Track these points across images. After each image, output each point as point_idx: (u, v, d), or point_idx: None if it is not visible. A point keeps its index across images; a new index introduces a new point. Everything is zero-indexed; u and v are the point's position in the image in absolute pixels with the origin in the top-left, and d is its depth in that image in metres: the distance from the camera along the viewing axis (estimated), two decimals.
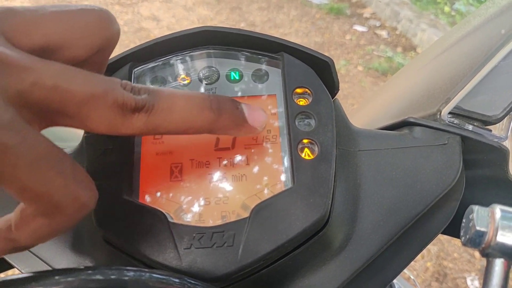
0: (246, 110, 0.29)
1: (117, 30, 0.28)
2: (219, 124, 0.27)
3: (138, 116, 0.24)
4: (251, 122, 0.29)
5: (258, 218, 0.29)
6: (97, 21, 0.26)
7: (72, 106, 0.23)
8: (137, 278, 0.23)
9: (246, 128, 0.29)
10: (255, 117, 0.29)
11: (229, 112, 0.28)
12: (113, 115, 0.24)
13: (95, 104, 0.23)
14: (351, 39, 3.00)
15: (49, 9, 0.25)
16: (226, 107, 0.27)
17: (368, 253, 0.31)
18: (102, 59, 0.29)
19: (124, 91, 0.24)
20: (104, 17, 0.27)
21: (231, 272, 0.28)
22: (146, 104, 0.24)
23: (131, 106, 0.24)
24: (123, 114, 0.24)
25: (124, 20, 2.96)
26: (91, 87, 0.23)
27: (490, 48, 0.36)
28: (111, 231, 0.29)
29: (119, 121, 0.24)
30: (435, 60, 0.48)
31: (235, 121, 0.28)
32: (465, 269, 1.69)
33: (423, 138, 0.35)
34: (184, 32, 0.35)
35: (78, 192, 0.23)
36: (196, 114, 0.26)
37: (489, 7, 0.44)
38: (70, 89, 0.22)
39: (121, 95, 0.24)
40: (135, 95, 0.24)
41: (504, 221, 0.29)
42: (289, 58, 0.35)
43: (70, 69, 0.23)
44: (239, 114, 0.28)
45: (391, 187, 0.33)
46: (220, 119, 0.27)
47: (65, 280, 0.22)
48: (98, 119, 0.24)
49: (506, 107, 0.35)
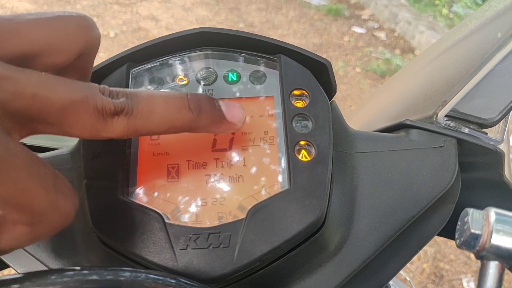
0: (224, 107, 0.29)
1: (96, 35, 0.28)
2: (198, 122, 0.28)
3: (118, 120, 0.25)
4: (230, 118, 0.29)
5: (254, 220, 0.29)
6: (75, 27, 0.26)
7: (53, 114, 0.23)
8: (133, 278, 0.23)
9: (225, 125, 0.29)
10: (233, 114, 0.30)
11: (208, 110, 0.28)
12: (93, 120, 0.24)
13: (75, 111, 0.23)
14: (350, 41, 3.01)
15: (26, 17, 0.25)
16: (204, 105, 0.28)
17: (364, 255, 0.32)
18: (85, 64, 0.29)
19: (103, 96, 0.24)
20: (82, 23, 0.27)
21: (227, 273, 0.28)
22: (125, 107, 0.25)
23: (110, 110, 0.24)
24: (104, 118, 0.24)
25: (123, 19, 2.96)
26: (70, 94, 0.23)
27: (487, 51, 0.36)
28: (107, 231, 0.29)
29: (100, 126, 0.24)
30: (431, 63, 0.49)
31: (214, 119, 0.29)
32: (461, 271, 1.69)
33: (419, 141, 0.35)
34: (182, 33, 0.35)
35: (58, 203, 0.23)
36: (175, 114, 0.27)
37: (486, 10, 0.44)
38: (49, 97, 0.23)
39: (100, 100, 0.24)
40: (113, 99, 0.25)
41: (499, 224, 0.30)
42: (286, 60, 0.35)
43: (49, 77, 0.23)
44: (217, 111, 0.29)
45: (388, 189, 0.33)
46: (199, 117, 0.27)
47: (61, 280, 0.22)
48: (79, 125, 0.24)
49: (502, 110, 0.35)
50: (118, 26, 2.89)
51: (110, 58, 0.35)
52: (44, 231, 0.24)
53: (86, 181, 0.30)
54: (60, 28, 0.26)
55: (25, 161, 0.22)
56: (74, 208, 0.24)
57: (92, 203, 0.30)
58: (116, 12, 3.03)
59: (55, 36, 0.26)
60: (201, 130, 0.29)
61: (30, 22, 0.25)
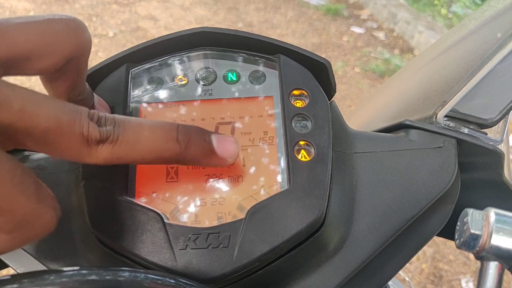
0: (215, 141, 0.28)
1: (87, 37, 0.27)
2: (186, 155, 0.27)
3: (102, 147, 0.24)
4: (220, 153, 0.28)
5: (253, 220, 0.29)
6: (64, 30, 0.26)
7: (38, 132, 0.23)
8: (132, 278, 0.23)
9: (215, 160, 0.28)
10: (224, 148, 0.29)
11: (196, 143, 0.27)
12: (78, 145, 0.24)
13: (60, 133, 0.23)
14: (348, 41, 3.01)
15: (14, 21, 0.25)
16: (193, 138, 0.27)
17: (364, 255, 0.31)
18: (78, 68, 0.28)
19: (91, 122, 0.24)
20: (72, 26, 0.26)
21: (226, 273, 0.28)
22: (110, 136, 0.25)
23: (95, 138, 0.24)
24: (88, 145, 0.24)
25: (122, 19, 2.96)
26: (58, 115, 0.23)
27: (486, 51, 0.36)
28: (106, 232, 0.29)
29: (84, 151, 0.24)
30: (431, 63, 0.49)
31: (202, 153, 0.28)
32: (460, 271, 1.69)
33: (419, 141, 0.35)
34: (181, 33, 0.35)
35: (40, 211, 0.23)
36: (161, 145, 0.26)
37: (485, 10, 0.44)
38: (36, 114, 0.22)
39: (86, 126, 0.24)
40: (100, 127, 0.24)
41: (499, 224, 0.30)
42: (286, 60, 0.35)
43: (39, 95, 0.23)
44: (207, 145, 0.28)
45: (387, 189, 0.33)
46: (186, 150, 0.27)
47: (60, 280, 0.22)
48: (63, 147, 0.24)
49: (501, 111, 0.35)
50: (116, 25, 2.89)
51: (109, 58, 0.35)
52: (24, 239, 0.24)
53: (85, 182, 0.30)
54: (49, 31, 0.26)
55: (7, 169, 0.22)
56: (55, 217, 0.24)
57: (90, 203, 0.30)
58: (114, 11, 3.03)
59: (43, 39, 0.25)
60: (189, 163, 0.28)
61: (18, 26, 0.25)
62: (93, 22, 2.88)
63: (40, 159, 0.35)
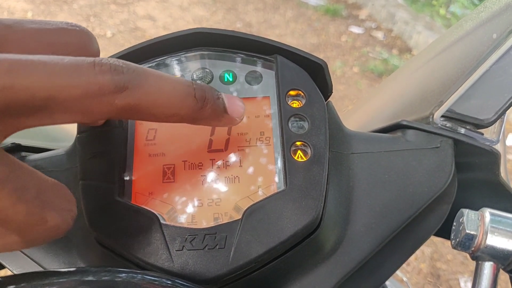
0: (226, 100, 0.29)
1: (96, 50, 0.27)
2: (201, 113, 0.27)
3: (121, 96, 0.22)
4: (231, 112, 0.29)
5: (250, 220, 0.29)
6: (77, 43, 0.25)
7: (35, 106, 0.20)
8: (129, 279, 0.23)
9: (226, 119, 0.29)
10: (234, 108, 0.29)
11: (211, 102, 0.27)
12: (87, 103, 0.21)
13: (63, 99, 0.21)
14: (347, 41, 3.01)
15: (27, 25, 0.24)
16: (208, 96, 0.27)
17: (360, 256, 0.32)
18: None
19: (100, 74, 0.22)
20: (84, 38, 0.26)
21: (222, 274, 0.28)
22: (130, 83, 0.23)
23: (109, 88, 0.22)
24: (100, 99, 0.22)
25: (120, 19, 2.95)
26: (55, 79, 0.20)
27: (482, 52, 0.36)
28: (104, 232, 0.29)
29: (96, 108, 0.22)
30: (428, 63, 0.49)
31: (216, 112, 0.28)
32: (458, 271, 1.69)
33: (415, 141, 0.35)
34: (178, 33, 0.35)
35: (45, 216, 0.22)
36: (180, 101, 0.25)
37: (481, 11, 0.44)
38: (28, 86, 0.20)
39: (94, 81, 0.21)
40: (116, 76, 0.22)
41: (494, 225, 0.30)
42: (283, 60, 0.35)
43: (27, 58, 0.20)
44: (220, 104, 0.28)
45: (384, 190, 0.33)
46: (202, 108, 0.27)
47: (57, 281, 0.22)
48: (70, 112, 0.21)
49: (498, 111, 0.35)
50: (115, 26, 2.88)
51: None
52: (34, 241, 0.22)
53: (82, 181, 0.30)
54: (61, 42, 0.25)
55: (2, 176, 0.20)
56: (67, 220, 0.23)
57: (88, 203, 0.30)
58: (113, 12, 3.03)
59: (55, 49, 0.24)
60: (201, 122, 0.28)
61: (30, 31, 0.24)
62: (91, 22, 2.88)
63: (37, 159, 0.35)
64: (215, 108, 0.28)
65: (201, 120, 0.27)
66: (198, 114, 0.27)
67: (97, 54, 0.27)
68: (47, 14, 2.86)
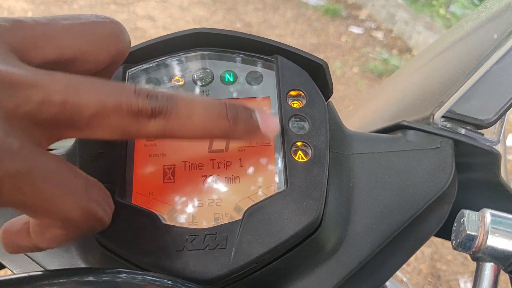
0: (260, 118, 0.29)
1: (128, 42, 0.28)
2: (234, 132, 0.27)
3: (155, 122, 0.24)
4: (264, 130, 0.29)
5: (250, 221, 0.29)
6: (109, 34, 0.26)
7: (83, 120, 0.22)
8: (130, 280, 0.23)
9: (259, 136, 0.29)
10: (268, 125, 0.29)
11: (244, 120, 0.28)
12: (126, 123, 0.23)
13: (106, 115, 0.23)
14: (347, 41, 3.01)
15: (61, 22, 0.25)
16: (241, 115, 0.27)
17: (361, 256, 0.32)
18: (112, 71, 0.29)
19: (139, 98, 0.23)
20: (116, 30, 0.27)
21: (223, 274, 0.28)
22: (164, 110, 0.24)
23: (146, 112, 0.24)
24: (138, 121, 0.24)
25: (120, 19, 2.93)
26: (102, 98, 0.22)
27: (483, 52, 0.36)
28: (104, 232, 0.29)
29: (133, 129, 0.24)
30: (428, 64, 0.49)
31: (249, 130, 0.28)
32: (458, 271, 1.69)
33: (416, 142, 0.35)
34: (178, 33, 0.35)
35: (91, 209, 0.23)
36: (213, 121, 0.26)
37: (482, 12, 0.44)
38: (80, 103, 0.22)
39: (135, 103, 0.23)
40: (151, 101, 0.24)
41: (494, 225, 0.30)
42: (283, 61, 0.35)
43: (79, 79, 0.23)
44: (253, 122, 0.28)
45: (384, 190, 0.33)
46: (235, 127, 0.27)
47: (58, 281, 0.22)
48: (111, 129, 0.23)
49: (498, 111, 0.35)
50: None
51: None
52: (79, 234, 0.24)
53: None
54: (95, 34, 0.26)
55: (51, 171, 0.22)
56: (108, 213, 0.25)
57: None
58: (113, 12, 3.02)
59: (90, 42, 0.25)
60: (234, 139, 0.29)
61: (65, 28, 0.25)
62: None
63: None
64: (249, 127, 0.28)
65: (234, 137, 0.28)
66: (231, 133, 0.27)
67: (128, 45, 0.28)
68: (46, 14, 2.86)
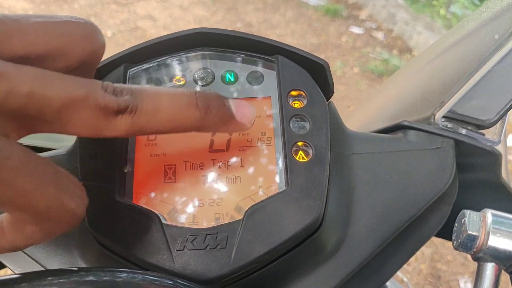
0: (233, 106, 0.28)
1: (102, 43, 0.27)
2: (206, 122, 0.27)
3: (122, 118, 0.24)
4: (239, 118, 0.28)
5: (251, 221, 0.29)
6: (82, 34, 0.26)
7: (51, 112, 0.22)
8: (130, 279, 0.23)
9: (234, 125, 0.28)
10: (243, 113, 0.28)
11: (216, 109, 0.27)
12: (95, 118, 0.23)
13: (75, 109, 0.23)
14: (347, 41, 3.01)
15: (33, 19, 0.25)
16: (213, 104, 0.27)
17: (361, 256, 0.31)
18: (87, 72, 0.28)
19: (106, 93, 0.23)
20: (89, 30, 0.26)
21: (224, 274, 0.28)
22: (129, 105, 0.24)
23: (113, 108, 0.23)
24: (106, 117, 0.23)
25: (120, 19, 2.95)
26: (70, 91, 0.22)
27: (484, 52, 0.36)
28: (104, 232, 0.29)
29: (103, 124, 0.24)
30: (429, 64, 0.49)
31: (222, 118, 0.27)
32: (458, 272, 1.69)
33: (417, 142, 0.35)
34: (179, 33, 0.35)
35: (62, 201, 0.23)
36: (182, 112, 0.26)
37: (483, 12, 0.44)
38: (47, 95, 0.22)
39: (102, 97, 0.23)
40: (117, 97, 0.24)
41: (495, 226, 0.30)
42: (284, 61, 0.35)
43: (47, 73, 0.22)
44: (226, 110, 0.28)
45: (385, 190, 0.33)
46: (207, 116, 0.26)
47: (58, 281, 0.22)
48: (80, 123, 0.23)
49: (499, 112, 0.35)
50: (115, 25, 2.88)
51: (107, 58, 0.35)
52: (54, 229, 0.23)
53: (83, 182, 0.30)
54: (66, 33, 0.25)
55: (20, 162, 0.21)
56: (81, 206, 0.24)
57: (89, 204, 0.30)
58: (113, 11, 3.02)
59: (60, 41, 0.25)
60: (208, 130, 0.28)
61: (36, 25, 0.25)
62: None
63: None
64: (221, 115, 0.27)
65: (207, 128, 0.27)
66: (203, 123, 0.27)
67: (102, 46, 0.27)
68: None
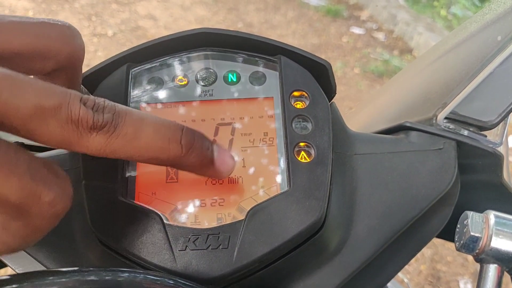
0: (216, 152, 0.27)
1: (80, 45, 0.27)
2: (185, 160, 0.26)
3: (96, 136, 0.22)
4: (218, 165, 0.27)
5: (253, 221, 0.29)
6: (58, 36, 0.26)
7: (16, 119, 0.21)
8: (132, 279, 0.23)
9: (211, 171, 0.27)
10: (223, 161, 0.28)
11: (199, 150, 0.26)
12: (65, 131, 0.22)
13: (43, 119, 0.21)
14: (348, 42, 3.01)
15: (8, 19, 0.24)
16: (196, 144, 0.26)
17: (363, 257, 0.32)
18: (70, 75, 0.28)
19: (83, 107, 0.22)
20: (67, 33, 0.26)
21: (226, 274, 0.28)
22: (107, 125, 0.23)
23: (87, 124, 0.22)
24: (78, 131, 0.22)
25: (121, 19, 2.95)
26: (39, 100, 0.21)
27: (487, 54, 0.36)
28: (106, 232, 0.29)
29: (73, 139, 0.22)
30: (431, 65, 0.49)
31: (202, 161, 0.26)
32: (458, 273, 1.69)
33: (419, 143, 0.35)
34: (182, 33, 0.35)
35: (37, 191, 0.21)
36: (162, 146, 0.24)
37: (486, 13, 0.44)
38: (14, 101, 0.20)
39: (76, 110, 0.22)
40: (96, 113, 0.22)
41: (498, 227, 0.30)
42: (286, 61, 0.35)
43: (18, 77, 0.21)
44: (208, 154, 0.27)
45: (387, 191, 0.33)
46: (187, 155, 0.25)
47: (60, 280, 0.22)
48: (48, 134, 0.22)
49: (501, 113, 0.35)
50: (116, 25, 2.88)
51: (109, 58, 0.35)
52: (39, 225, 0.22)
53: (85, 181, 0.30)
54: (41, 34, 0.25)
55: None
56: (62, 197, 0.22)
57: (91, 203, 0.30)
58: (114, 11, 3.02)
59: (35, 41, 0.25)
60: (183, 168, 0.27)
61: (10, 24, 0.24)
62: (92, 21, 2.88)
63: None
64: (202, 158, 0.26)
65: (184, 166, 0.26)
66: (181, 161, 0.26)
67: (79, 48, 0.27)
68: (48, 13, 2.86)
